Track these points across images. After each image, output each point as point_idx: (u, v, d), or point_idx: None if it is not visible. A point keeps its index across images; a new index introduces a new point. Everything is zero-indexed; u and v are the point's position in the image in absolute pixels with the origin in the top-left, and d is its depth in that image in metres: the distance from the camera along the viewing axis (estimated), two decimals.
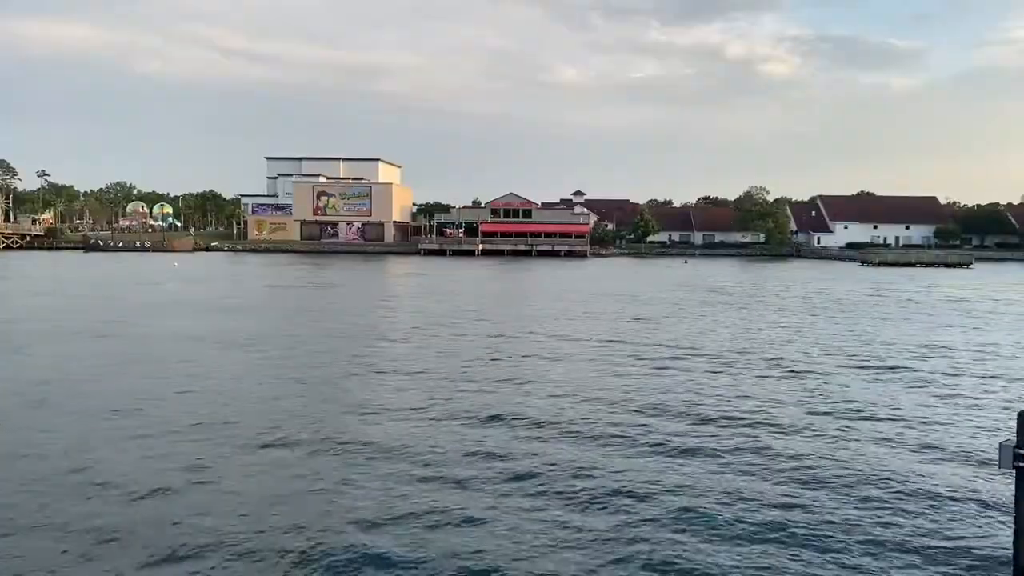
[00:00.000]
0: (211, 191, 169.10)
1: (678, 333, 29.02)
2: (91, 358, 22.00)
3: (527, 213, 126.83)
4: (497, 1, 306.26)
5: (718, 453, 13.09)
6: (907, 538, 9.59)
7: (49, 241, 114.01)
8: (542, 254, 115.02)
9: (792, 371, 21.16)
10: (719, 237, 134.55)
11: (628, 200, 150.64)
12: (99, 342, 25.12)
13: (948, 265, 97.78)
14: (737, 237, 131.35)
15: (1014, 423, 6.60)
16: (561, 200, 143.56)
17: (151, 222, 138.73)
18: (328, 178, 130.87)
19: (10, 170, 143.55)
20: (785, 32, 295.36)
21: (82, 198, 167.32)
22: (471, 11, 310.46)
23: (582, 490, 11.15)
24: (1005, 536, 9.10)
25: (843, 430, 14.75)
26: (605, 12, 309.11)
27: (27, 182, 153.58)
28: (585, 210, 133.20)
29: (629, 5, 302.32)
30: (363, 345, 25.57)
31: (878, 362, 22.92)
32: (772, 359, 23.15)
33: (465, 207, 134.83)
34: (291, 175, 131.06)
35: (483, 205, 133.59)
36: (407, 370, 20.80)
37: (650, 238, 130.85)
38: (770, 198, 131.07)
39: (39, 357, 22.16)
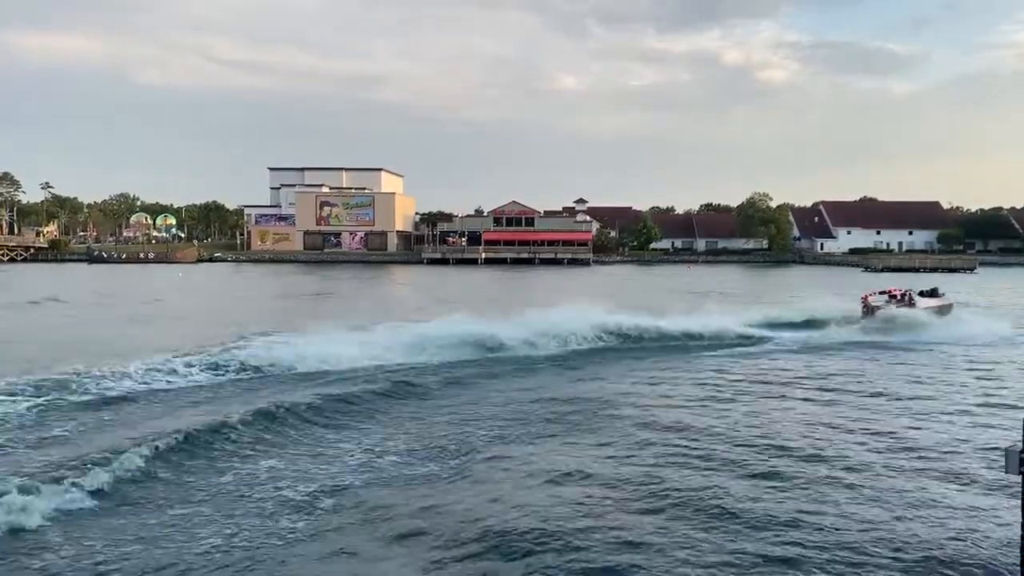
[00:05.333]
0: (214, 202, 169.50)
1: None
2: None
3: (529, 221, 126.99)
4: (495, 9, 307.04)
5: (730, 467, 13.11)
6: (911, 543, 9.60)
7: (53, 253, 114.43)
8: (545, 262, 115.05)
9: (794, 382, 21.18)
10: (722, 244, 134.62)
11: (630, 207, 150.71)
12: None
13: (951, 270, 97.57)
14: (740, 243, 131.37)
15: (1018, 429, 6.62)
16: (564, 208, 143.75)
17: (154, 233, 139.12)
18: (331, 188, 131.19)
19: (14, 182, 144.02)
20: (783, 38, 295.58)
21: (86, 210, 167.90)
22: (470, 20, 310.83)
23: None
24: (1010, 542, 9.11)
25: (840, 433, 14.75)
26: (602, 20, 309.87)
27: (31, 194, 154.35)
28: (587, 218, 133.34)
29: (626, 13, 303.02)
30: None
31: (876, 366, 22.90)
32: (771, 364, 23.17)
33: (467, 215, 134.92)
34: (294, 185, 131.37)
35: (485, 213, 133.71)
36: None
37: (653, 245, 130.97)
38: (772, 204, 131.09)
39: None
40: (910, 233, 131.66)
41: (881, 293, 33.31)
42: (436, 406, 17.32)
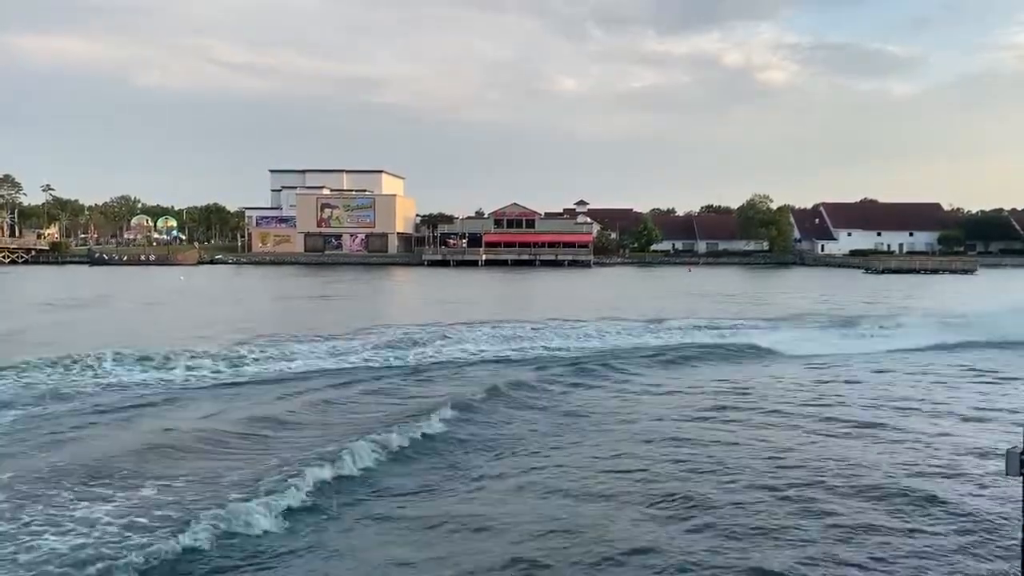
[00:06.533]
0: (215, 204, 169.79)
1: None
2: None
3: (530, 223, 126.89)
4: (495, 12, 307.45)
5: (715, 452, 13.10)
6: (913, 546, 9.59)
7: (53, 255, 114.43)
8: (545, 264, 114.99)
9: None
10: (722, 245, 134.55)
11: (631, 209, 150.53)
12: None
13: (952, 272, 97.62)
14: (741, 245, 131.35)
15: (1019, 433, 6.62)
16: (564, 210, 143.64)
17: (155, 235, 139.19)
18: (332, 190, 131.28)
19: (15, 185, 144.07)
20: (782, 39, 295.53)
21: (87, 212, 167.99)
22: (470, 21, 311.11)
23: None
24: (1013, 544, 9.10)
25: (842, 437, 14.74)
26: (602, 22, 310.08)
27: (32, 196, 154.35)
28: (588, 219, 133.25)
29: (626, 15, 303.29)
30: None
31: (875, 368, 22.89)
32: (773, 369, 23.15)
33: (468, 217, 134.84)
34: (295, 187, 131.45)
35: (486, 215, 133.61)
36: None
37: (654, 247, 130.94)
38: (773, 205, 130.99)
39: None
40: (911, 235, 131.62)
41: None
42: None
